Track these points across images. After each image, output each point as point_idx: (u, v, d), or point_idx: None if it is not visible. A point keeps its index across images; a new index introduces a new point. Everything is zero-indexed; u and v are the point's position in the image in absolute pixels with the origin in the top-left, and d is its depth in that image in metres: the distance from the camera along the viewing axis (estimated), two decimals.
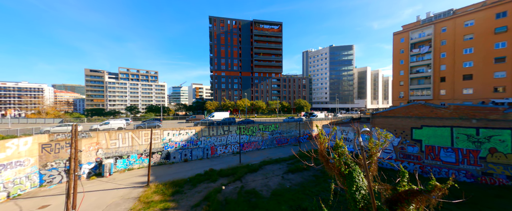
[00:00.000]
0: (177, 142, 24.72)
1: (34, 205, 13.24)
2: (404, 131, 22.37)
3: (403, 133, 22.43)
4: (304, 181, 17.00)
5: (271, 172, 19.95)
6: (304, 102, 71.89)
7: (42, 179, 16.58)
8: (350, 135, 29.45)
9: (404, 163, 22.13)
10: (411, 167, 21.67)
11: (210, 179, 17.54)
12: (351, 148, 29.01)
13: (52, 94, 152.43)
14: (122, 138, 20.95)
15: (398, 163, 22.44)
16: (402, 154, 22.41)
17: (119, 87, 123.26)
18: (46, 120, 42.54)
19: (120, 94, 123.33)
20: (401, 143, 22.55)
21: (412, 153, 21.76)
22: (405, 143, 22.24)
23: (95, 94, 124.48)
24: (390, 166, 23.28)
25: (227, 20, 72.80)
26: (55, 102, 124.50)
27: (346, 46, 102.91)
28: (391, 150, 23.26)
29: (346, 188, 6.58)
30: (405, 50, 37.83)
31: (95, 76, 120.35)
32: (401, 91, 38.66)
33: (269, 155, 28.85)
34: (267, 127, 34.35)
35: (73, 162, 8.52)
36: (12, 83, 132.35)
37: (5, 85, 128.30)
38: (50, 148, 16.80)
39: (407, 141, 22.06)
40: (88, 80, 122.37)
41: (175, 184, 16.24)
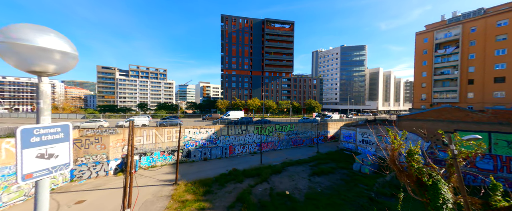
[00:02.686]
0: (197, 140, 24.67)
1: (70, 200, 13.36)
2: (435, 135, 21.34)
3: (434, 137, 21.41)
4: (334, 185, 16.44)
5: (296, 174, 19.48)
6: (315, 103, 70.82)
7: (73, 174, 16.82)
8: (371, 137, 28.53)
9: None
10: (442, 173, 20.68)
11: (237, 179, 17.28)
12: (373, 151, 28.12)
13: (63, 90, 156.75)
14: (146, 135, 21.04)
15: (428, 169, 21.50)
16: (431, 159, 21.40)
17: (129, 84, 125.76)
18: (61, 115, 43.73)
19: (130, 91, 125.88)
20: (431, 148, 21.55)
21: (444, 158, 20.71)
22: (436, 148, 21.23)
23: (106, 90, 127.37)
24: None
25: (238, 19, 72.55)
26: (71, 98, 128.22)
27: (358, 46, 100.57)
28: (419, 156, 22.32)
29: (426, 200, 6.03)
30: (429, 50, 36.27)
31: (106, 73, 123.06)
32: (423, 93, 37.15)
33: (288, 155, 28.39)
34: (283, 127, 33.85)
35: (130, 158, 8.37)
36: (26, 79, 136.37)
37: (19, 80, 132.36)
38: (80, 143, 17.01)
39: (438, 146, 21.06)
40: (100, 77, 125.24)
41: (203, 183, 16.07)
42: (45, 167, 2.05)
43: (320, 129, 40.14)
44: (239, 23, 72.69)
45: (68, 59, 2.13)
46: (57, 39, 1.98)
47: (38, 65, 1.96)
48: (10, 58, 1.85)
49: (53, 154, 2.12)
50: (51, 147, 2.12)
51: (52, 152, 2.11)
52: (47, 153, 2.07)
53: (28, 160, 1.93)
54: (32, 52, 1.87)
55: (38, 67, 1.97)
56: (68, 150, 2.26)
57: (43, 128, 2.05)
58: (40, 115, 2.05)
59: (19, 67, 1.94)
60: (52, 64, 2.03)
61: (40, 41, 1.87)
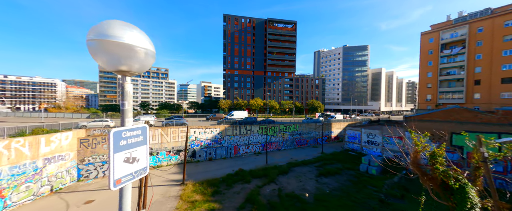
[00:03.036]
0: (202, 140, 24.58)
1: (79, 200, 13.31)
2: (442, 136, 21.14)
3: (441, 138, 21.19)
4: (342, 186, 16.30)
5: (302, 174, 19.35)
6: (317, 103, 70.62)
7: (80, 174, 16.77)
8: (377, 138, 28.32)
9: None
10: None
11: (244, 180, 17.18)
12: (378, 152, 27.91)
13: (64, 89, 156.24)
14: (152, 134, 20.96)
15: None
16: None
17: None
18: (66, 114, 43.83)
19: None
20: None
21: (452, 159, 20.47)
22: None
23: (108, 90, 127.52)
24: None
25: (241, 19, 72.44)
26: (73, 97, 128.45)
27: (360, 47, 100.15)
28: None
29: (452, 204, 5.88)
30: (434, 51, 35.96)
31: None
32: (428, 94, 36.85)
33: (292, 156, 28.25)
34: (287, 128, 33.71)
35: None
36: (27, 78, 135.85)
37: (20, 79, 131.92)
38: (87, 143, 16.97)
39: (446, 147, 20.85)
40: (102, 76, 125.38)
41: (211, 184, 15.98)
42: (129, 172, 1.96)
43: (324, 129, 39.96)
44: (241, 23, 72.57)
45: (149, 58, 2.02)
46: (141, 36, 1.86)
47: (125, 64, 1.85)
48: (101, 57, 1.75)
49: (135, 158, 2.03)
50: (134, 150, 2.03)
51: (134, 156, 2.02)
52: (131, 157, 1.98)
53: (118, 165, 1.83)
54: (123, 51, 1.76)
55: (125, 67, 1.87)
56: (146, 153, 2.17)
57: (128, 130, 1.93)
58: (125, 117, 1.95)
59: (107, 67, 1.83)
60: (137, 63, 1.92)
61: (130, 39, 1.75)
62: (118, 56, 1.72)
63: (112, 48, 1.65)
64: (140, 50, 1.82)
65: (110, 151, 1.75)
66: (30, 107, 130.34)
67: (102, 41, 1.61)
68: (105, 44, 1.62)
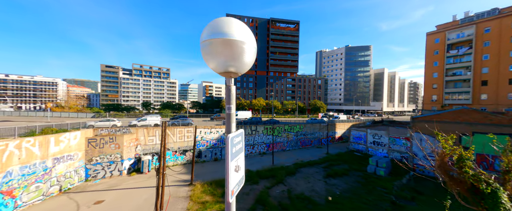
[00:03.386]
0: (208, 140, 24.48)
1: (88, 200, 13.23)
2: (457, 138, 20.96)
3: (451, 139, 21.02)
4: (351, 188, 16.14)
5: (310, 175, 19.20)
6: (320, 103, 70.40)
7: (88, 174, 16.71)
8: (383, 139, 28.12)
9: (451, 172, 20.69)
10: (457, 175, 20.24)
11: (252, 181, 17.05)
12: (385, 153, 27.71)
13: (65, 89, 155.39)
14: (158, 134, 20.89)
15: None
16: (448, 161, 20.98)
17: (132, 83, 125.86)
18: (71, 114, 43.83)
19: (133, 90, 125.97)
20: None
21: None
22: None
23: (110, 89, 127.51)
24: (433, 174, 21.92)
25: (244, 18, 72.32)
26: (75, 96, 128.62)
27: (363, 47, 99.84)
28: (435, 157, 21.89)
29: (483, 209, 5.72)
30: (440, 51, 35.70)
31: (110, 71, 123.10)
32: (434, 94, 36.60)
33: (298, 156, 28.10)
34: (292, 128, 33.56)
35: (162, 159, 8.16)
36: (28, 77, 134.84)
37: (22, 78, 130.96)
38: (95, 142, 16.90)
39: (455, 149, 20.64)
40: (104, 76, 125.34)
41: (219, 184, 15.87)
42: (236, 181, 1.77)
43: (328, 129, 39.78)
44: (244, 22, 72.51)
45: (253, 56, 1.85)
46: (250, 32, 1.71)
47: (233, 66, 1.70)
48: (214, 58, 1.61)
49: (239, 166, 1.84)
50: (239, 158, 1.84)
51: (238, 164, 1.83)
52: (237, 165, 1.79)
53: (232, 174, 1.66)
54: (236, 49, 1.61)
55: (233, 68, 1.71)
56: (243, 161, 1.95)
57: (235, 136, 1.76)
58: (231, 122, 1.76)
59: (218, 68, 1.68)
60: (243, 63, 1.75)
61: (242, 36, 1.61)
62: (231, 55, 1.59)
63: (225, 47, 1.52)
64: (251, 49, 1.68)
65: (228, 158, 1.59)
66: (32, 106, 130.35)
67: (217, 41, 1.48)
68: (219, 44, 1.49)
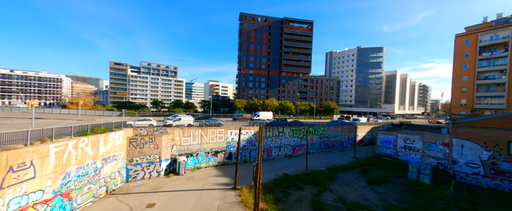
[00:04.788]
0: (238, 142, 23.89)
1: (138, 203, 12.80)
2: (498, 144, 19.94)
3: (496, 146, 20.00)
4: (404, 197, 15.36)
5: (351, 181, 18.48)
6: (333, 105, 69.32)
7: (128, 174, 16.34)
8: (416, 143, 27.13)
9: (496, 180, 19.72)
10: (505, 185, 19.24)
11: (295, 186, 16.47)
12: (418, 158, 26.74)
13: (69, 85, 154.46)
14: (193, 135, 20.45)
15: (488, 180, 20.09)
16: (493, 170, 20.01)
17: (140, 81, 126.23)
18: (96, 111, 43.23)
19: (141, 88, 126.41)
20: (493, 158, 20.15)
21: (508, 169, 19.27)
22: (499, 158, 19.80)
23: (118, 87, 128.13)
24: (476, 182, 20.97)
25: (257, 18, 71.60)
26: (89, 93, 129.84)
27: (375, 48, 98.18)
28: (478, 165, 20.90)
29: None
30: (470, 53, 34.43)
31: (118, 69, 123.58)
32: (463, 98, 35.36)
33: (326, 160, 27.36)
34: (316, 130, 32.81)
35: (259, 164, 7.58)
36: (33, 73, 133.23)
37: (27, 74, 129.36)
38: (136, 142, 16.51)
39: (501, 156, 19.63)
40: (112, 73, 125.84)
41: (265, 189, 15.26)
42: None
43: (350, 132, 38.88)
44: (258, 22, 71.76)
45: None
46: None
47: None
48: None
49: None
50: None
51: None
52: None
53: None
54: None
55: None
56: None
57: None
58: None
59: None
60: None
61: None
62: None
63: None
64: None
65: None
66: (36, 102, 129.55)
67: None
68: None
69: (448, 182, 20.02)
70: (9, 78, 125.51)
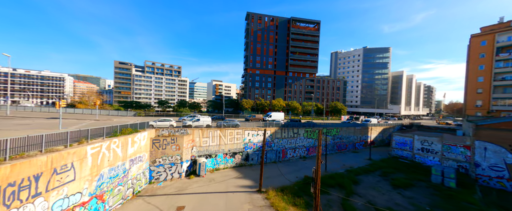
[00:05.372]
0: (255, 143, 23.69)
1: (167, 205, 12.61)
2: None
3: None
4: (434, 202, 14.99)
5: (375, 185, 18.14)
6: (341, 105, 68.78)
7: (151, 176, 16.16)
8: (434, 146, 26.62)
9: None
10: None
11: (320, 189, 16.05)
12: (436, 161, 26.24)
13: (72, 84, 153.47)
14: (212, 136, 20.23)
15: None
16: None
17: (145, 80, 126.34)
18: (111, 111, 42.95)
19: (145, 87, 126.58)
20: None
21: None
22: None
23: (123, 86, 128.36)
24: (500, 186, 20.46)
25: (264, 17, 71.29)
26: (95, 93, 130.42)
27: (381, 48, 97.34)
28: (502, 168, 20.39)
29: None
30: (487, 54, 33.78)
31: (123, 68, 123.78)
32: (478, 99, 34.71)
33: (342, 162, 26.97)
34: (329, 131, 32.44)
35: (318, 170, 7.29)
36: (35, 72, 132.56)
37: (29, 73, 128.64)
38: (159, 143, 16.34)
39: None
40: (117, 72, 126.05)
41: (291, 192, 15.00)
42: None
43: (361, 133, 38.43)
44: (264, 21, 71.45)
45: None
46: None
47: None
48: None
49: None
50: None
51: None
52: None
53: None
54: None
55: None
56: None
57: None
58: None
59: None
60: None
61: None
62: None
63: None
64: None
65: None
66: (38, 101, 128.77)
67: None
68: None
69: (473, 185, 19.56)
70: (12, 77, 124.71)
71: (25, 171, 6.77)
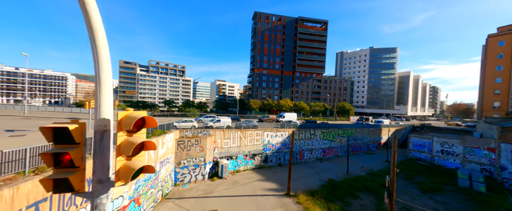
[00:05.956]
0: (273, 144, 23.33)
1: (199, 208, 12.33)
2: None
3: None
4: (470, 208, 14.58)
5: (403, 189, 17.70)
6: (349, 106, 68.16)
7: (176, 178, 15.87)
8: (455, 148, 26.02)
9: None
10: None
11: (349, 193, 15.73)
12: (457, 163, 25.65)
13: (74, 83, 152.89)
14: (233, 137, 19.90)
15: None
16: None
17: (149, 80, 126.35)
18: None
19: (150, 87, 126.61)
20: None
21: None
22: None
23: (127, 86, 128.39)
24: None
25: (272, 17, 70.84)
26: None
27: (388, 49, 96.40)
28: None
29: None
30: (505, 55, 33.05)
31: (127, 68, 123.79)
32: (496, 101, 33.99)
33: (359, 163, 26.50)
34: (345, 132, 31.96)
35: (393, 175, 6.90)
36: (38, 71, 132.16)
37: (32, 72, 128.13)
38: (183, 144, 16.04)
39: None
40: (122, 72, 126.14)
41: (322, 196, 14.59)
42: None
43: (375, 134, 37.87)
44: (272, 21, 71.01)
45: None
46: None
47: None
48: None
49: None
50: None
51: None
52: None
53: None
54: None
55: None
56: None
57: None
58: None
59: None
60: None
61: None
62: None
63: None
64: None
65: None
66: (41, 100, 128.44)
67: None
68: None
69: (501, 189, 19.02)
70: (14, 76, 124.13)
71: None
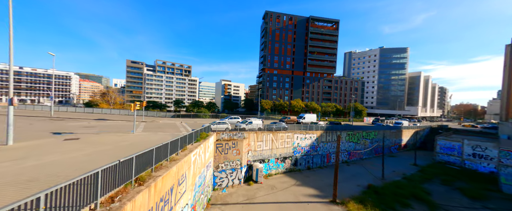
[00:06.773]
0: (302, 147, 22.63)
1: None
2: None
3: None
4: None
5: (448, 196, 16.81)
6: (361, 107, 66.99)
7: (215, 182, 15.26)
8: (488, 151, 24.98)
9: None
10: None
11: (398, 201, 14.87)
12: (491, 168, 24.61)
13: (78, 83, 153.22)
14: (265, 140, 19.26)
15: None
16: None
17: (156, 80, 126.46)
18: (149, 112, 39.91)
19: (156, 87, 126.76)
20: None
21: None
22: None
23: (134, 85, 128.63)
24: None
25: (283, 16, 70.08)
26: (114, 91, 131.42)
27: (398, 49, 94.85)
28: None
29: None
30: None
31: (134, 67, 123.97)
32: None
33: (389, 167, 25.57)
34: (368, 134, 31.09)
35: None
36: (42, 70, 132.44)
37: (36, 71, 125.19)
38: (221, 148, 15.45)
39: None
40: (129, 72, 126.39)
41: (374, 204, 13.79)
42: None
43: (395, 136, 36.87)
44: (283, 20, 70.23)
45: None
46: None
47: None
48: None
49: None
50: None
51: None
52: None
53: None
54: None
55: None
56: None
57: None
58: None
59: None
60: None
61: None
62: None
63: None
64: None
65: None
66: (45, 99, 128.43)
67: None
68: None
69: None
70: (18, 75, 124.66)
71: (167, 184, 5.88)
